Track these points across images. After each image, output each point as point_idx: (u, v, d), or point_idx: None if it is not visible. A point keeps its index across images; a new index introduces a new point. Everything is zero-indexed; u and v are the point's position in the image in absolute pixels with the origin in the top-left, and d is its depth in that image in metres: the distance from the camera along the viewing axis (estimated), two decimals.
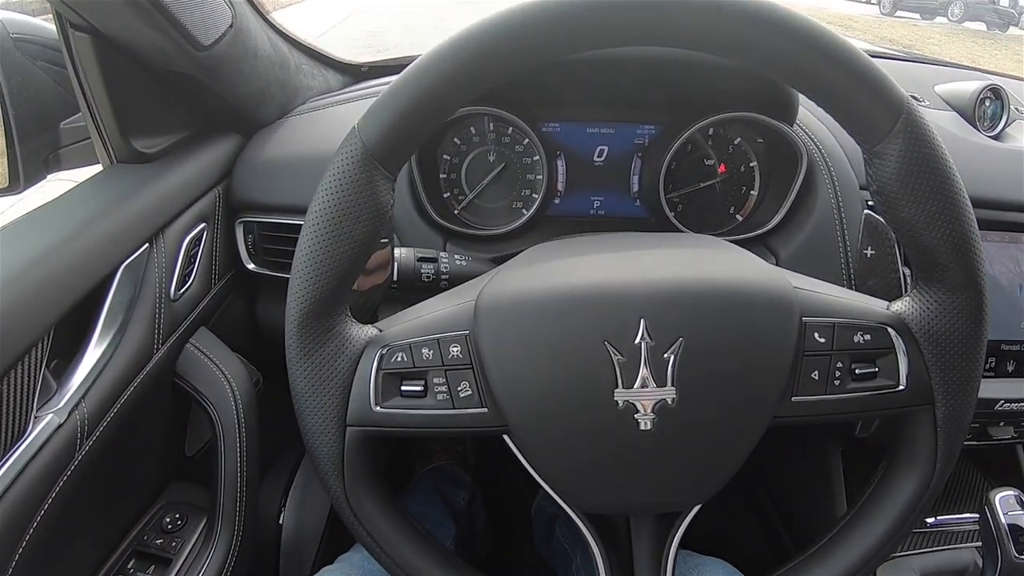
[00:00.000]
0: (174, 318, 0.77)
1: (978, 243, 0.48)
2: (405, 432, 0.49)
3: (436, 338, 0.49)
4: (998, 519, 0.71)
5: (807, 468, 1.02)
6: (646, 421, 0.46)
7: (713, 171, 0.85)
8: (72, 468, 0.61)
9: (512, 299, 0.48)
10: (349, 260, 0.47)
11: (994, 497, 0.73)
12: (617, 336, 0.46)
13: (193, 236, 0.80)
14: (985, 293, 0.49)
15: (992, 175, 0.82)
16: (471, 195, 0.84)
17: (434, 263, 0.67)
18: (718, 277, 0.48)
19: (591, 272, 0.49)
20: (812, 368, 0.48)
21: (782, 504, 1.15)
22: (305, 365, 0.49)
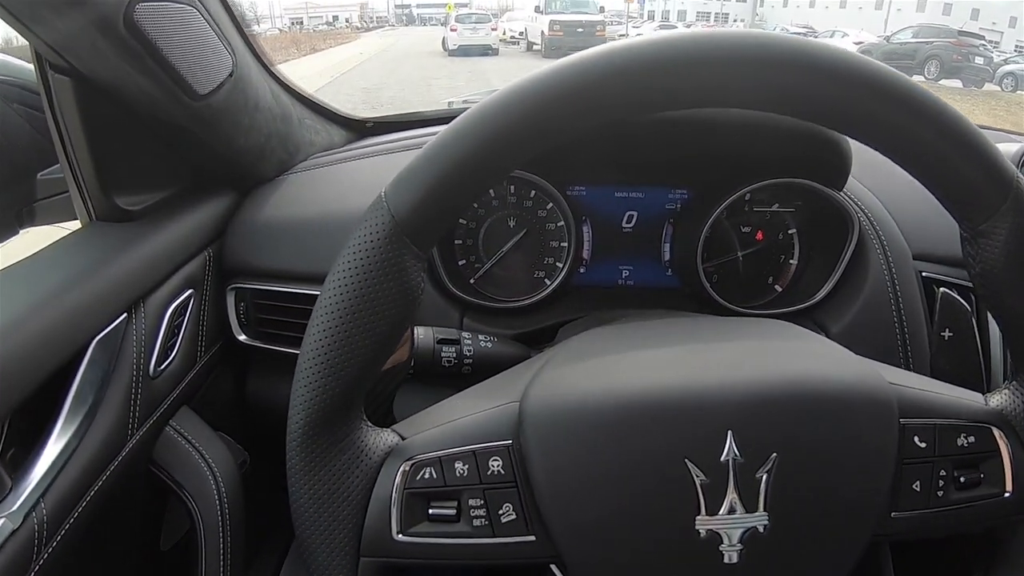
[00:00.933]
0: (152, 398, 0.68)
1: None
2: (433, 564, 0.41)
3: (472, 450, 0.40)
4: None
5: None
6: (732, 553, 0.38)
7: (750, 239, 0.78)
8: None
9: (566, 404, 0.40)
10: (370, 357, 0.39)
11: None
12: (700, 452, 0.38)
13: (178, 305, 0.72)
14: None
15: None
16: (489, 264, 0.76)
17: (456, 345, 0.59)
18: (811, 377, 0.41)
19: (663, 373, 0.41)
20: (913, 478, 0.42)
21: None
22: (311, 482, 0.40)
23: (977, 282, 0.42)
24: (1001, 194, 0.39)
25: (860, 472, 0.40)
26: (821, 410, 0.40)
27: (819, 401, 0.40)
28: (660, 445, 0.38)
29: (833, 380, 0.41)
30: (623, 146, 0.73)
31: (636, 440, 0.38)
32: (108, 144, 0.68)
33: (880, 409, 0.41)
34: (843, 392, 0.40)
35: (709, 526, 0.38)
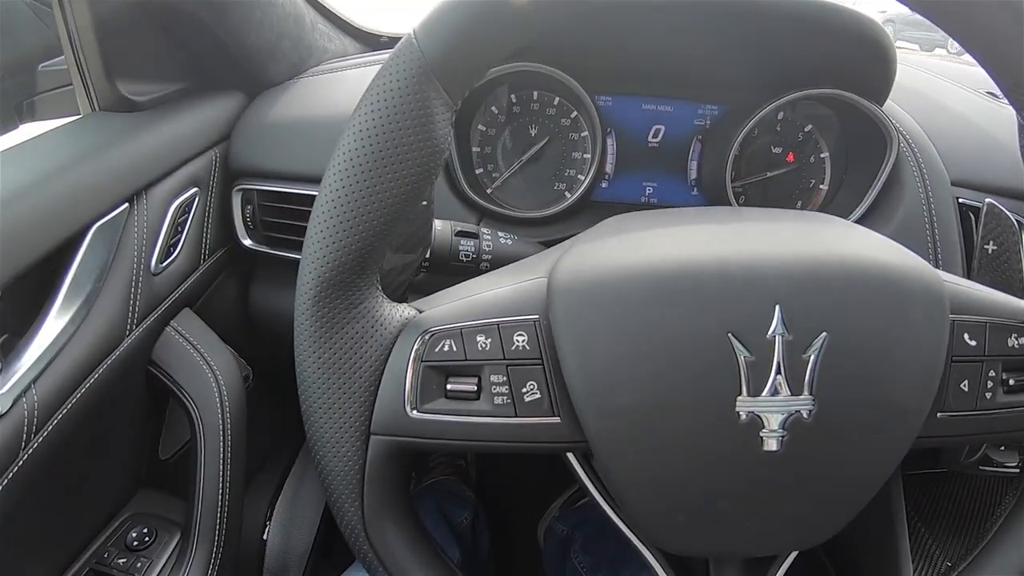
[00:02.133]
0: (153, 295, 0.65)
1: None
2: (449, 445, 0.38)
3: (496, 323, 0.37)
4: None
5: None
6: (773, 440, 0.35)
7: (780, 160, 0.74)
8: (16, 469, 0.49)
9: (599, 276, 0.36)
10: (389, 212, 0.35)
11: None
12: (745, 326, 0.35)
13: (183, 201, 0.69)
14: None
15: None
16: (507, 173, 0.73)
17: (475, 240, 0.55)
18: (865, 258, 0.37)
19: (706, 246, 0.37)
20: (961, 377, 0.39)
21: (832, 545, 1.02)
22: (320, 351, 0.37)
23: None
24: None
25: (909, 365, 0.37)
26: (875, 293, 0.36)
27: (873, 283, 0.37)
28: (702, 319, 0.35)
29: (888, 264, 0.38)
30: (653, 54, 0.69)
31: (676, 313, 0.35)
32: (114, 29, 0.65)
33: (933, 300, 0.38)
34: (898, 277, 0.37)
35: (750, 408, 0.35)
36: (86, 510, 0.65)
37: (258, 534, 0.89)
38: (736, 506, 0.37)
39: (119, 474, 0.70)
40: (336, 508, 0.39)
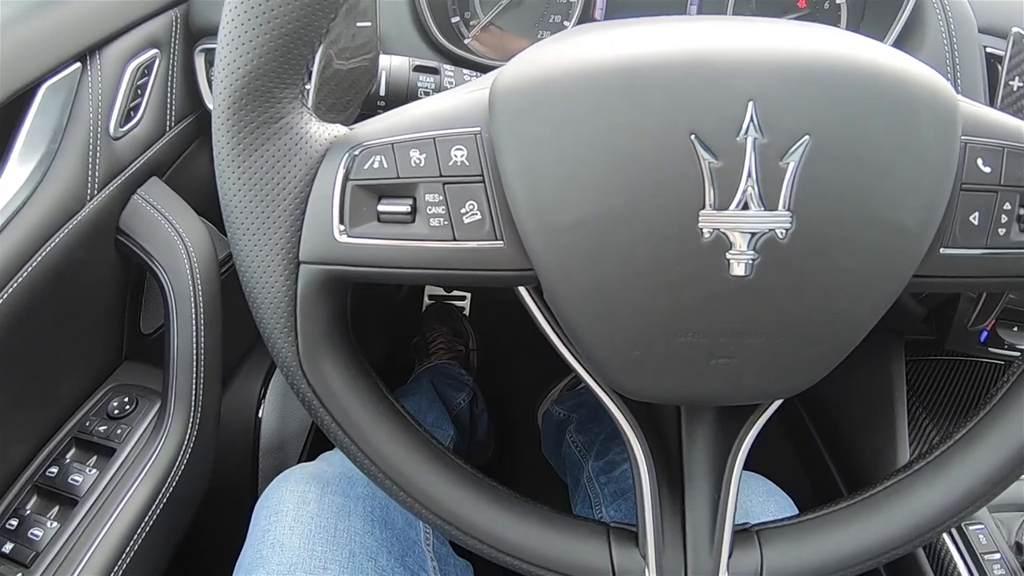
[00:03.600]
0: (115, 160, 0.62)
1: None
2: (383, 274, 0.35)
3: (432, 136, 0.33)
4: None
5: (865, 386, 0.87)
6: (742, 263, 0.31)
7: (791, 5, 0.67)
8: None
9: (545, 78, 0.32)
10: (301, 8, 0.31)
11: None
12: (710, 126, 0.30)
13: (140, 63, 0.65)
14: None
15: None
16: (485, 19, 0.67)
17: (435, 75, 0.51)
18: (862, 57, 0.32)
19: (669, 39, 0.32)
20: (971, 208, 0.34)
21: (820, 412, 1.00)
22: (240, 170, 0.34)
23: None
24: None
25: (910, 184, 0.32)
26: (872, 94, 0.31)
27: (872, 83, 0.31)
28: (660, 118, 0.30)
29: (891, 66, 0.32)
30: None
31: (629, 113, 0.30)
32: None
33: (943, 113, 0.32)
34: (901, 80, 0.31)
35: (715, 224, 0.30)
36: (67, 381, 0.65)
37: (252, 412, 0.90)
38: (699, 340, 0.33)
39: (100, 346, 0.69)
40: (270, 343, 0.37)
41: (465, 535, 0.41)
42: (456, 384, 1.08)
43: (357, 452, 0.39)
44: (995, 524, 0.76)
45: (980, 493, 0.41)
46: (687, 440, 0.43)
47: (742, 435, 0.41)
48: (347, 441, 0.39)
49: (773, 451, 1.09)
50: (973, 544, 0.73)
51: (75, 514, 0.59)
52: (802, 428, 1.01)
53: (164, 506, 0.63)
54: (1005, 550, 0.74)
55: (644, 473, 0.41)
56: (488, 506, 0.41)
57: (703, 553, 0.41)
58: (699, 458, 0.43)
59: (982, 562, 0.72)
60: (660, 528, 0.41)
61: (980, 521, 0.75)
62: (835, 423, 0.95)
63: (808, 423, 1.00)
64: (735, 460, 0.41)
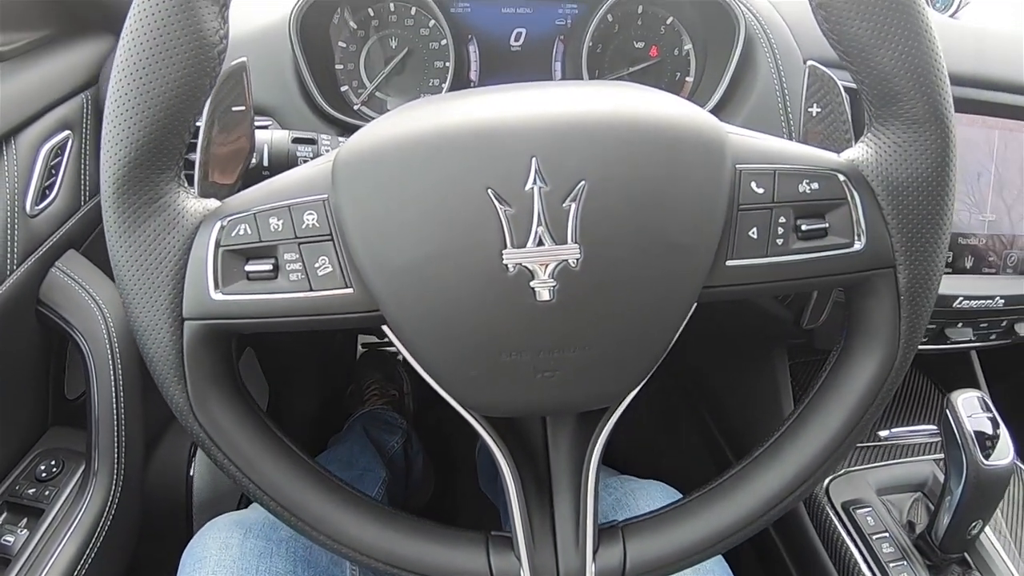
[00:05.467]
0: (33, 236, 0.66)
1: (942, 70, 0.40)
2: (254, 324, 0.40)
3: (287, 204, 0.39)
4: (962, 424, 0.66)
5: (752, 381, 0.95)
6: (545, 289, 0.37)
7: (643, 54, 0.76)
8: None
9: (374, 150, 0.38)
10: (168, 107, 0.37)
11: (956, 400, 0.67)
12: (503, 181, 0.36)
13: (54, 144, 0.69)
14: (952, 128, 0.41)
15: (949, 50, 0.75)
16: (371, 87, 0.74)
17: (313, 145, 0.57)
18: (630, 110, 0.39)
19: (472, 110, 0.39)
20: (750, 225, 0.40)
21: (726, 422, 1.08)
22: (126, 244, 0.39)
23: (819, 15, 0.40)
24: None
25: (685, 212, 0.38)
26: (638, 140, 0.38)
27: (637, 131, 0.38)
28: (462, 176, 0.37)
29: (654, 112, 0.39)
30: None
31: (438, 174, 0.37)
32: None
33: (710, 147, 0.39)
34: (667, 125, 0.38)
35: (517, 260, 0.36)
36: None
37: (183, 470, 0.92)
38: (522, 358, 0.39)
39: (26, 413, 0.72)
40: (164, 391, 0.42)
41: (355, 552, 0.45)
42: (389, 428, 1.11)
43: (248, 483, 0.44)
44: (884, 506, 0.83)
45: (808, 473, 0.46)
46: (552, 448, 0.48)
47: (595, 438, 0.46)
48: (238, 474, 0.44)
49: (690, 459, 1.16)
50: (862, 526, 0.79)
51: (7, 573, 0.61)
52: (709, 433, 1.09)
53: (91, 562, 0.65)
54: (895, 529, 0.80)
55: (510, 480, 0.46)
56: (374, 523, 0.46)
57: (570, 551, 0.46)
58: (563, 463, 0.48)
59: (871, 542, 0.78)
60: (530, 530, 0.46)
61: (867, 504, 0.81)
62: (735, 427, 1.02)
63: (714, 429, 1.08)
64: (591, 461, 0.46)
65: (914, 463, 0.89)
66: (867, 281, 0.43)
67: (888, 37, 0.38)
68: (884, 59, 0.39)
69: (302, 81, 0.67)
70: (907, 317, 0.43)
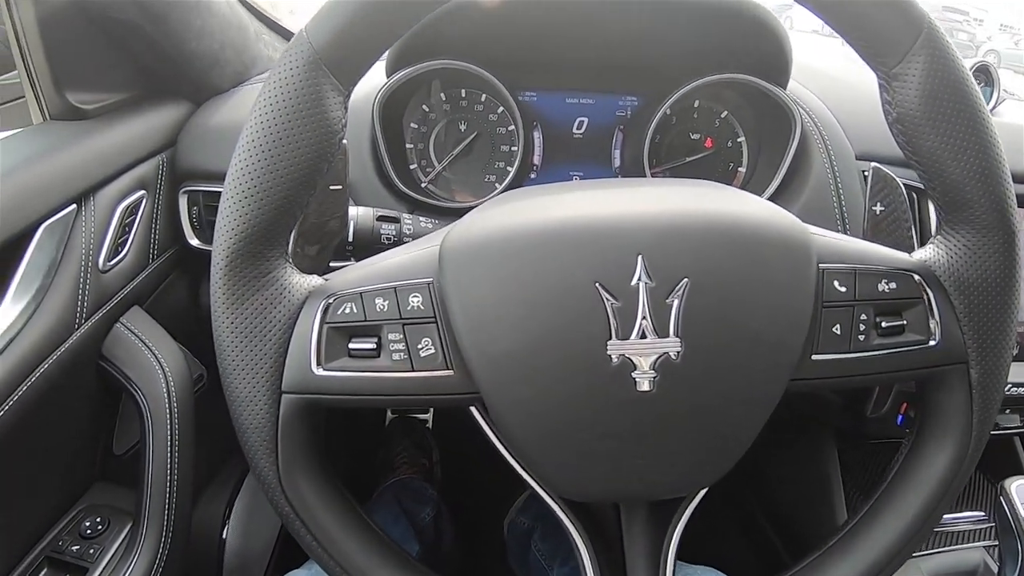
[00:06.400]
0: (102, 292, 0.68)
1: (1007, 178, 0.43)
2: (354, 401, 0.41)
3: (393, 286, 0.41)
4: (1017, 511, 0.65)
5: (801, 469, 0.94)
6: (645, 380, 0.38)
7: (699, 146, 0.79)
8: None
9: (482, 239, 0.40)
10: (289, 188, 0.39)
11: (1010, 487, 0.66)
12: (611, 276, 0.38)
13: (130, 203, 0.72)
14: (1016, 231, 0.43)
15: None
16: (440, 167, 0.77)
17: (396, 224, 0.60)
18: (726, 212, 0.41)
19: (578, 206, 0.42)
20: (833, 321, 0.42)
21: (773, 510, 1.06)
22: (233, 315, 0.41)
23: (895, 129, 0.43)
24: (912, 34, 0.39)
25: (776, 309, 0.40)
26: (736, 241, 0.40)
27: (734, 232, 0.40)
28: (571, 270, 0.38)
29: (751, 217, 0.41)
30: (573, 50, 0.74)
31: (547, 266, 0.39)
32: (62, 42, 0.68)
33: (798, 248, 0.41)
34: (760, 227, 0.41)
35: (621, 351, 0.38)
36: (41, 500, 0.67)
37: (217, 532, 0.91)
38: (622, 447, 0.40)
39: (74, 466, 0.72)
40: (253, 464, 0.43)
41: None
42: (420, 498, 1.10)
43: (330, 562, 0.44)
44: None
45: (884, 563, 0.46)
46: (626, 536, 0.48)
47: (672, 525, 0.47)
48: (321, 552, 0.44)
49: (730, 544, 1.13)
50: None
51: None
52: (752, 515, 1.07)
53: None
54: None
55: (589, 567, 0.47)
56: None
57: None
58: (637, 551, 0.48)
59: None
60: None
61: None
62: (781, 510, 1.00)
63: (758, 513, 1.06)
64: (668, 549, 0.47)
65: (965, 550, 0.87)
66: (941, 375, 0.45)
67: (960, 150, 0.41)
68: (956, 170, 0.42)
69: (379, 158, 0.70)
70: (979, 409, 0.45)
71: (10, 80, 0.79)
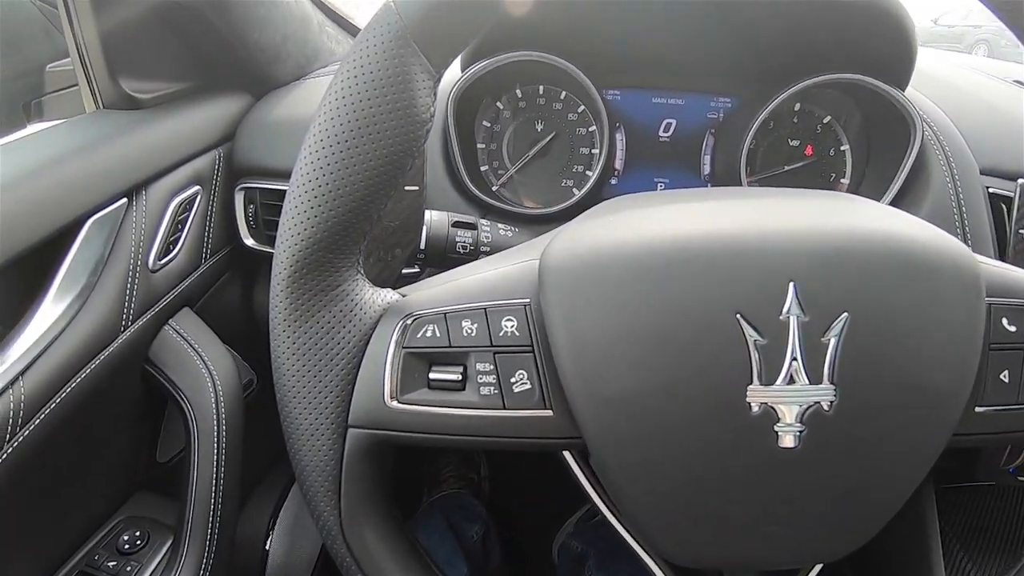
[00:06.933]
0: (151, 292, 0.64)
1: None
2: (432, 440, 0.35)
3: (483, 307, 0.35)
4: None
5: None
6: (790, 435, 0.31)
7: (798, 153, 0.71)
8: None
9: (595, 253, 0.33)
10: (368, 186, 0.33)
11: None
12: (755, 306, 0.31)
13: (184, 199, 0.68)
14: None
15: None
16: (513, 169, 0.71)
17: (473, 231, 0.53)
18: (891, 232, 0.34)
19: (716, 220, 0.34)
20: (1001, 367, 0.35)
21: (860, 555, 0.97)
22: (295, 334, 0.35)
23: None
24: None
25: (943, 352, 0.33)
26: (902, 270, 0.33)
27: (900, 259, 0.33)
28: (707, 297, 0.31)
29: (916, 239, 0.34)
30: (663, 44, 0.67)
31: (678, 292, 0.32)
32: (119, 26, 0.65)
33: (966, 279, 0.34)
34: (928, 254, 0.33)
35: (763, 398, 0.31)
36: (78, 511, 0.64)
37: (260, 543, 0.87)
38: (749, 510, 0.33)
39: (114, 475, 0.68)
40: (312, 506, 0.37)
41: None
42: (469, 516, 1.04)
43: None
44: None
45: None
46: None
47: None
48: None
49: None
50: None
51: None
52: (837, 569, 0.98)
53: None
54: None
55: None
56: None
57: None
58: None
59: None
60: None
61: None
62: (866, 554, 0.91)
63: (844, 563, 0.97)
64: None
65: None
66: None
67: None
68: None
69: (450, 159, 0.65)
70: None
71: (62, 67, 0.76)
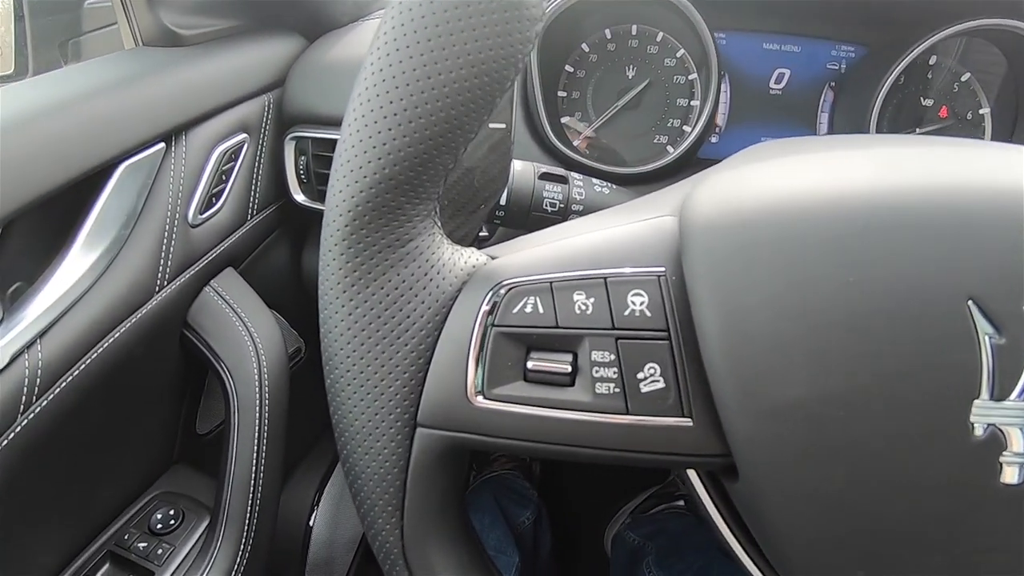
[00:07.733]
0: (190, 249, 0.57)
1: None
2: (526, 448, 0.27)
3: (603, 276, 0.26)
4: None
5: None
6: (1016, 468, 0.23)
7: (932, 115, 0.61)
8: (13, 434, 0.42)
9: (763, 208, 0.24)
10: (458, 103, 0.25)
11: None
12: (994, 292, 0.22)
13: (228, 147, 0.61)
14: None
15: None
16: (599, 121, 0.62)
17: (563, 185, 0.44)
18: None
19: (936, 168, 0.25)
20: None
21: None
22: (351, 303, 0.27)
23: None
24: None
25: None
26: None
27: None
28: (923, 274, 0.22)
29: None
30: None
31: (879, 265, 0.23)
32: None
33: None
34: None
35: (991, 417, 0.22)
36: (109, 486, 0.58)
37: (303, 520, 0.82)
38: (935, 560, 0.25)
39: (149, 448, 0.63)
40: (367, 521, 0.30)
41: None
42: (520, 500, 0.98)
43: None
44: None
45: None
46: None
47: None
48: None
49: None
50: None
51: None
52: None
53: None
54: None
55: None
56: None
57: None
58: None
59: None
60: None
61: None
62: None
63: None
64: None
65: None
66: None
67: None
68: None
69: (529, 106, 0.56)
70: None
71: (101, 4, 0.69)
